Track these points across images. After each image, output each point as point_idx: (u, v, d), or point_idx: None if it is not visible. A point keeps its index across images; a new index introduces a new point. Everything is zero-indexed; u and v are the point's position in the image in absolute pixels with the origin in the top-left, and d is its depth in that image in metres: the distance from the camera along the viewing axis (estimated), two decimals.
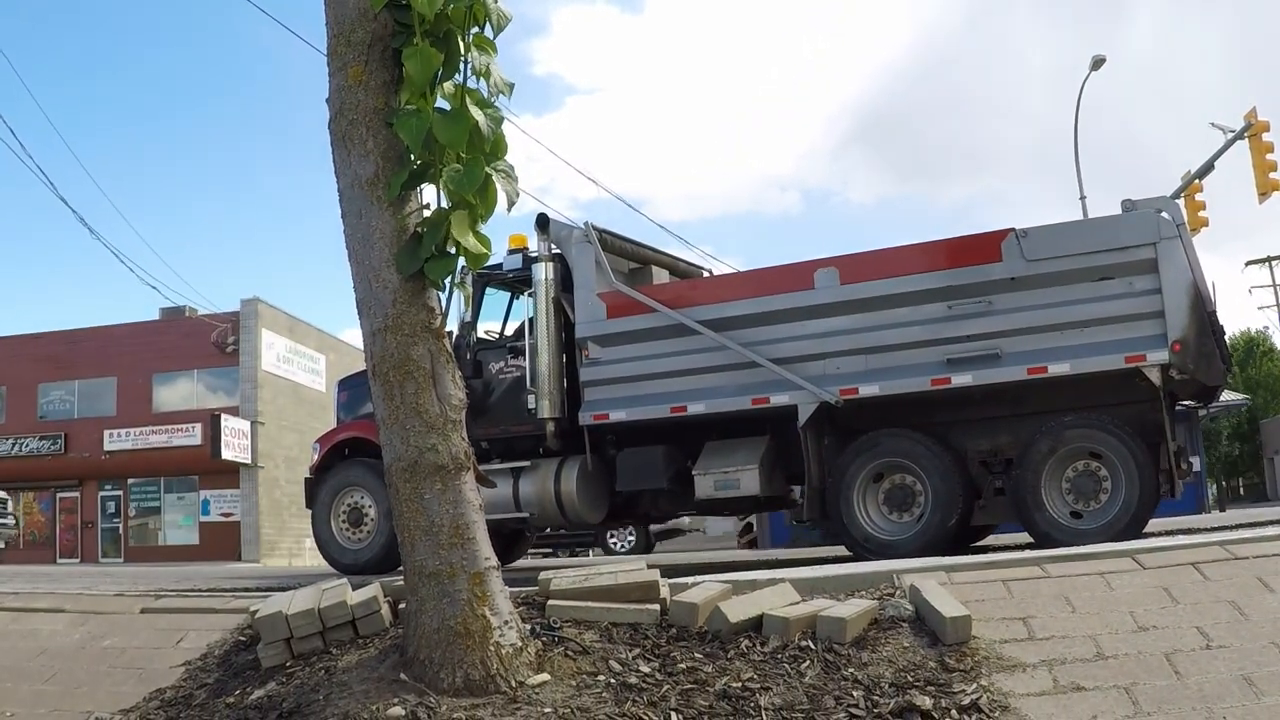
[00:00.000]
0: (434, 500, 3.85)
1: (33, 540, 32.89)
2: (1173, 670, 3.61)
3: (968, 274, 7.29)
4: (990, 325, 7.22)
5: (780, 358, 7.73)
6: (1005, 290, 7.19)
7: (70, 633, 5.36)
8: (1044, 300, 7.12)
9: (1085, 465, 7.20)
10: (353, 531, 9.27)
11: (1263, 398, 52.98)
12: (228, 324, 31.26)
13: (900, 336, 7.46)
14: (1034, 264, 7.12)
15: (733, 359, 7.90)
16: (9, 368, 32.90)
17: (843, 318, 7.63)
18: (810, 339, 7.71)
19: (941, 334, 7.35)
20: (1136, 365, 6.86)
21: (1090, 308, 7.01)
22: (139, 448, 31.62)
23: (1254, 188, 18.75)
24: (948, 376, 7.30)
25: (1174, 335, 6.80)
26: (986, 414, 7.65)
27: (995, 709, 3.44)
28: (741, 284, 8.38)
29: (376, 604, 4.52)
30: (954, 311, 7.32)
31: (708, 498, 8.17)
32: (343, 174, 4.01)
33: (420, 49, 3.75)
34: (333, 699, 3.72)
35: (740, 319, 7.89)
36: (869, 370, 7.54)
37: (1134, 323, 6.92)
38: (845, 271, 7.66)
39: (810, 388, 7.60)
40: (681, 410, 8.05)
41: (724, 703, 3.56)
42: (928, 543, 7.27)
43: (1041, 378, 7.10)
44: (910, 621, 4.11)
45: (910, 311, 7.44)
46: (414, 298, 3.93)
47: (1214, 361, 7.03)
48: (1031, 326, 7.13)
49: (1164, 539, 5.60)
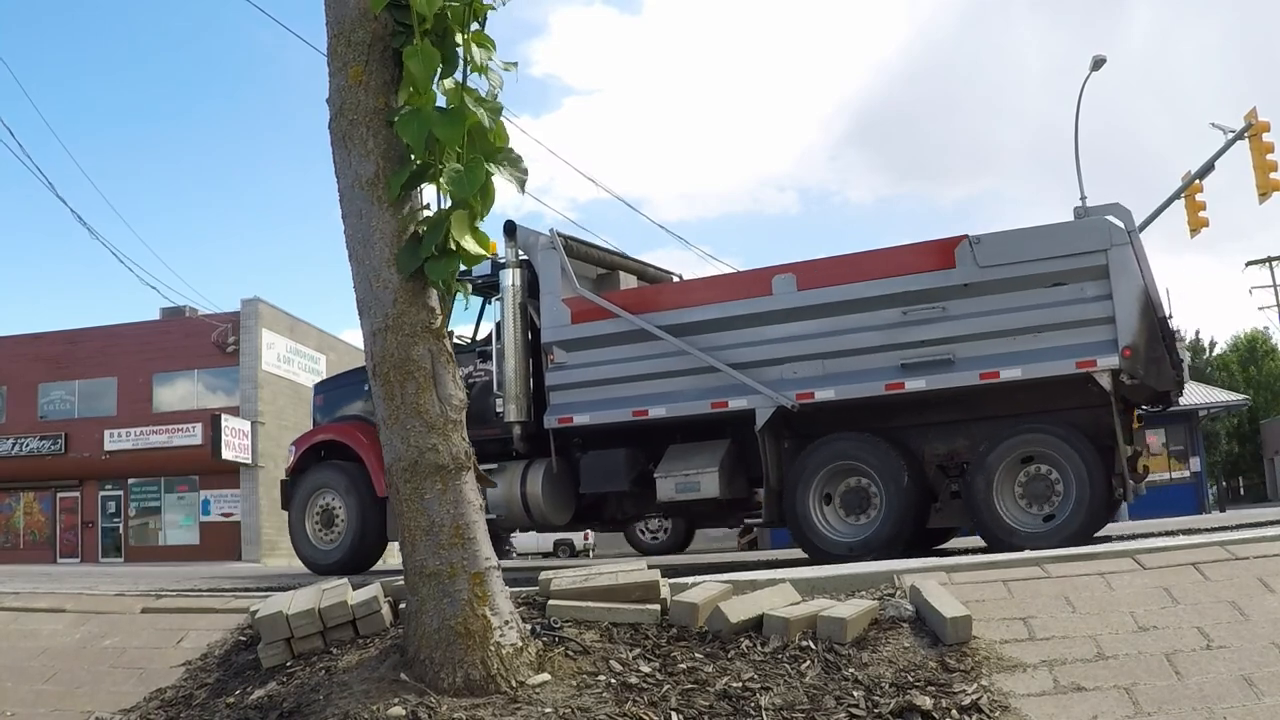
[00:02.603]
0: (434, 500, 3.85)
1: (33, 540, 32.92)
2: (1173, 670, 3.61)
3: (922, 280, 7.40)
4: (944, 331, 7.33)
5: (739, 362, 7.85)
6: (959, 296, 7.30)
7: (70, 633, 5.36)
8: (997, 306, 7.22)
9: (1038, 469, 7.30)
10: (325, 532, 9.53)
11: (1263, 398, 52.97)
12: (228, 324, 31.28)
13: (856, 342, 7.58)
14: (987, 270, 7.22)
15: (693, 364, 8.02)
16: (9, 368, 32.92)
17: (800, 323, 7.76)
18: (769, 344, 7.84)
19: (896, 339, 7.46)
20: (1087, 371, 6.96)
21: (1042, 313, 7.11)
22: (139, 448, 31.63)
23: (1254, 188, 18.74)
24: (901, 381, 7.42)
25: (1125, 341, 6.89)
26: (944, 418, 7.76)
27: (995, 709, 3.44)
28: (702, 290, 8.53)
29: (377, 604, 4.52)
30: (909, 317, 7.43)
31: (669, 500, 8.29)
32: (343, 174, 4.01)
33: (421, 48, 3.75)
34: (333, 699, 3.72)
35: (701, 324, 8.02)
36: (825, 375, 7.66)
37: (1085, 328, 7.01)
38: (803, 278, 7.79)
39: (767, 392, 7.72)
40: (643, 414, 8.18)
41: (724, 703, 3.56)
42: (882, 545, 7.36)
43: (994, 383, 7.20)
44: (910, 621, 4.11)
45: (866, 317, 7.56)
46: (414, 298, 3.93)
47: (1164, 367, 7.12)
48: (984, 332, 7.23)
49: (1164, 539, 5.60)
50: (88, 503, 32.90)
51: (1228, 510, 31.86)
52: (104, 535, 32.77)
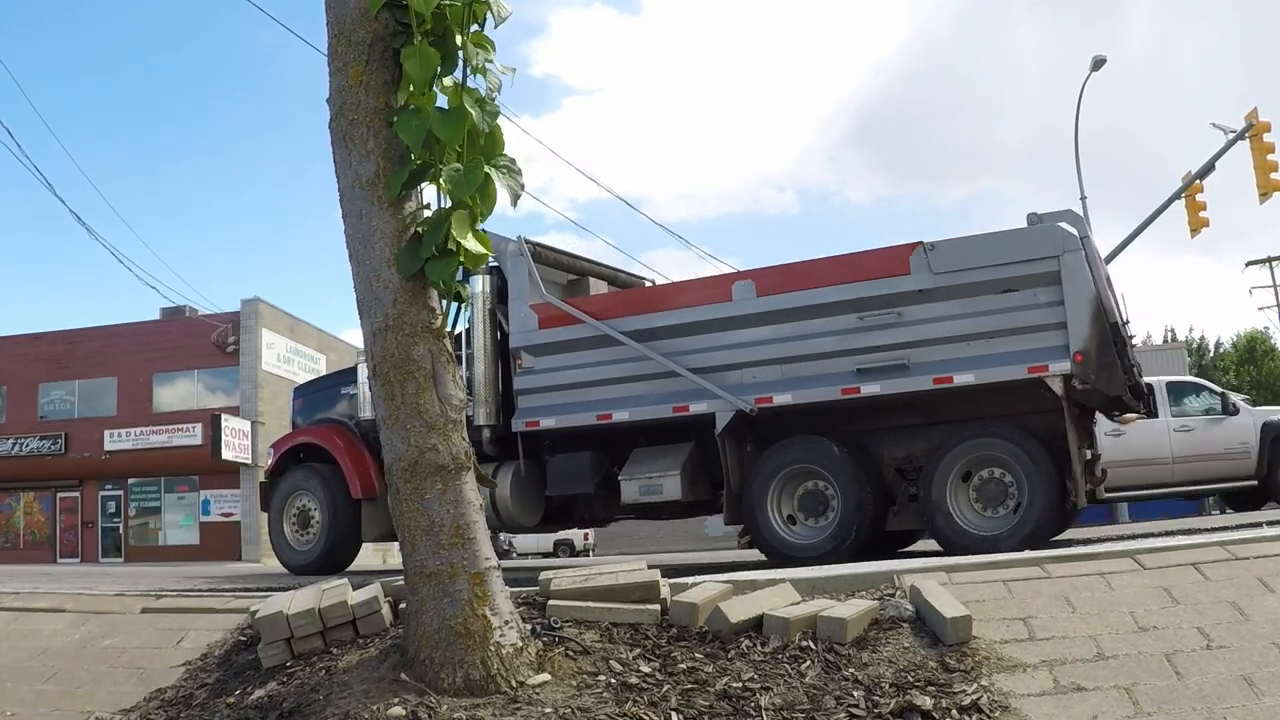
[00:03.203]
0: (434, 500, 3.85)
1: (33, 540, 32.91)
2: (1173, 670, 3.61)
3: (878, 286, 7.45)
4: (899, 336, 7.39)
5: (701, 367, 7.94)
6: (914, 302, 7.36)
7: (70, 632, 5.36)
8: (951, 312, 7.28)
9: (991, 473, 7.38)
10: (301, 533, 9.71)
11: (1263, 398, 52.94)
12: (228, 324, 31.28)
13: (813, 347, 7.64)
14: (941, 276, 7.27)
15: (655, 368, 8.11)
16: (9, 368, 32.92)
17: (759, 329, 7.82)
18: (729, 349, 7.91)
19: (852, 344, 7.52)
20: (1039, 376, 7.02)
21: (995, 319, 7.17)
22: (139, 448, 31.62)
23: (1255, 188, 18.74)
24: (857, 386, 7.48)
25: (1076, 346, 6.93)
26: (902, 422, 7.84)
27: (995, 709, 3.44)
28: (664, 295, 8.65)
29: (377, 604, 4.52)
30: (865, 323, 7.49)
31: (633, 502, 8.40)
32: (343, 174, 4.01)
33: (420, 49, 3.75)
34: (333, 699, 3.72)
35: (663, 329, 8.11)
36: (784, 379, 7.73)
37: (1037, 334, 7.06)
38: (761, 284, 7.87)
39: (727, 396, 7.80)
40: (607, 418, 8.29)
41: (724, 703, 3.56)
42: (837, 547, 7.44)
43: (947, 387, 7.27)
44: (910, 621, 4.11)
45: (823, 323, 7.62)
46: (414, 298, 3.93)
47: (1115, 372, 7.14)
48: (938, 337, 7.29)
49: (1164, 539, 5.60)
50: (88, 503, 32.89)
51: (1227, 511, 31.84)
52: (104, 535, 32.76)
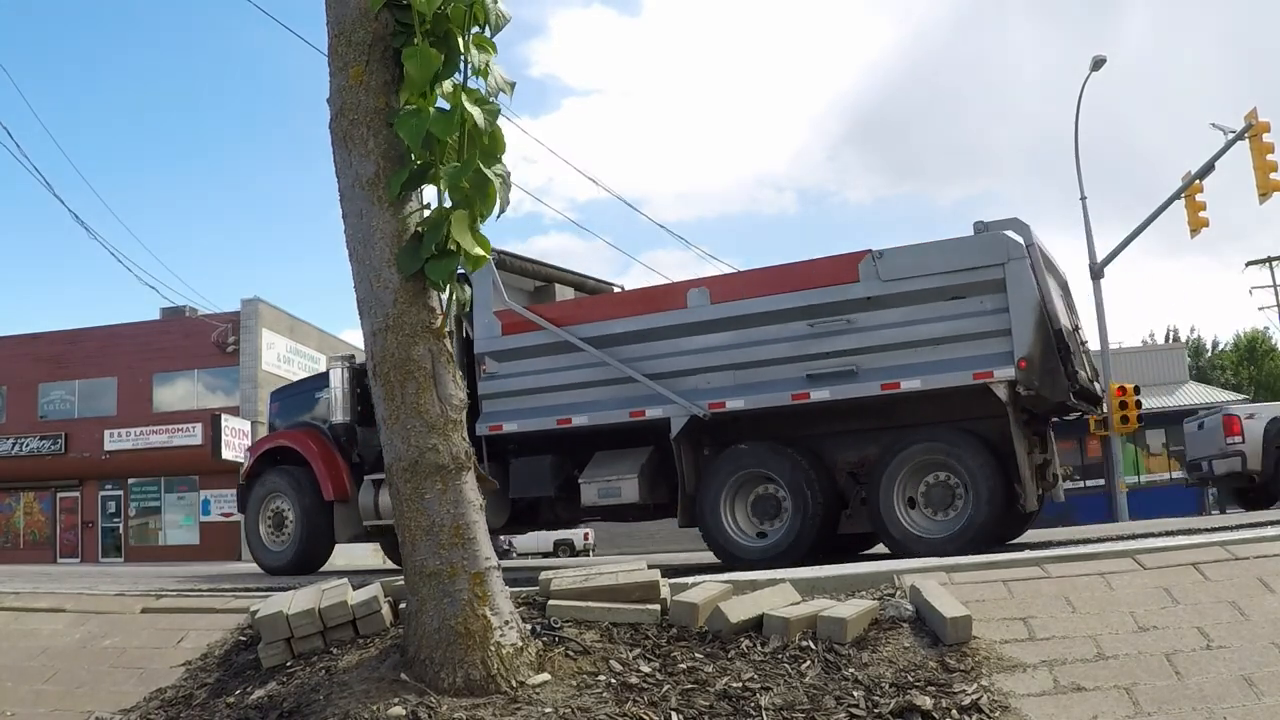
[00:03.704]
0: (434, 500, 3.85)
1: (33, 540, 32.91)
2: (1173, 670, 3.62)
3: (828, 294, 7.61)
4: (849, 343, 7.53)
5: (657, 373, 8.10)
6: (863, 309, 7.51)
7: (71, 632, 5.36)
8: (899, 319, 7.41)
9: (939, 477, 7.49)
10: (276, 534, 9.99)
11: (1263, 398, 52.94)
12: (228, 324, 31.27)
13: (765, 353, 7.80)
14: (889, 284, 7.42)
15: (613, 374, 8.27)
16: (9, 368, 32.91)
17: (713, 335, 7.98)
18: (684, 355, 8.07)
19: (803, 351, 7.68)
20: (985, 382, 7.14)
21: (942, 326, 7.29)
22: (139, 448, 31.62)
23: (1254, 188, 18.74)
24: (807, 391, 7.64)
25: (1020, 353, 7.06)
26: (855, 426, 7.97)
27: (995, 709, 3.44)
28: (622, 303, 8.83)
29: (377, 604, 4.52)
30: (815, 329, 7.64)
31: (592, 504, 8.53)
32: (344, 174, 4.01)
33: (420, 49, 3.75)
34: (333, 699, 3.72)
35: (621, 336, 8.27)
36: (736, 385, 7.89)
37: (983, 340, 7.19)
38: (715, 291, 8.05)
39: (681, 401, 7.96)
40: (567, 422, 8.44)
41: (724, 703, 3.56)
42: (789, 549, 7.56)
43: (895, 393, 7.40)
44: (910, 621, 4.12)
45: (775, 329, 7.78)
46: (414, 298, 3.93)
47: (1059, 378, 7.23)
48: (887, 344, 7.43)
49: (1164, 539, 5.60)
50: (88, 503, 32.89)
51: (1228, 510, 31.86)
52: (104, 535, 32.76)
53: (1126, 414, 20.67)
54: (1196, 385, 34.84)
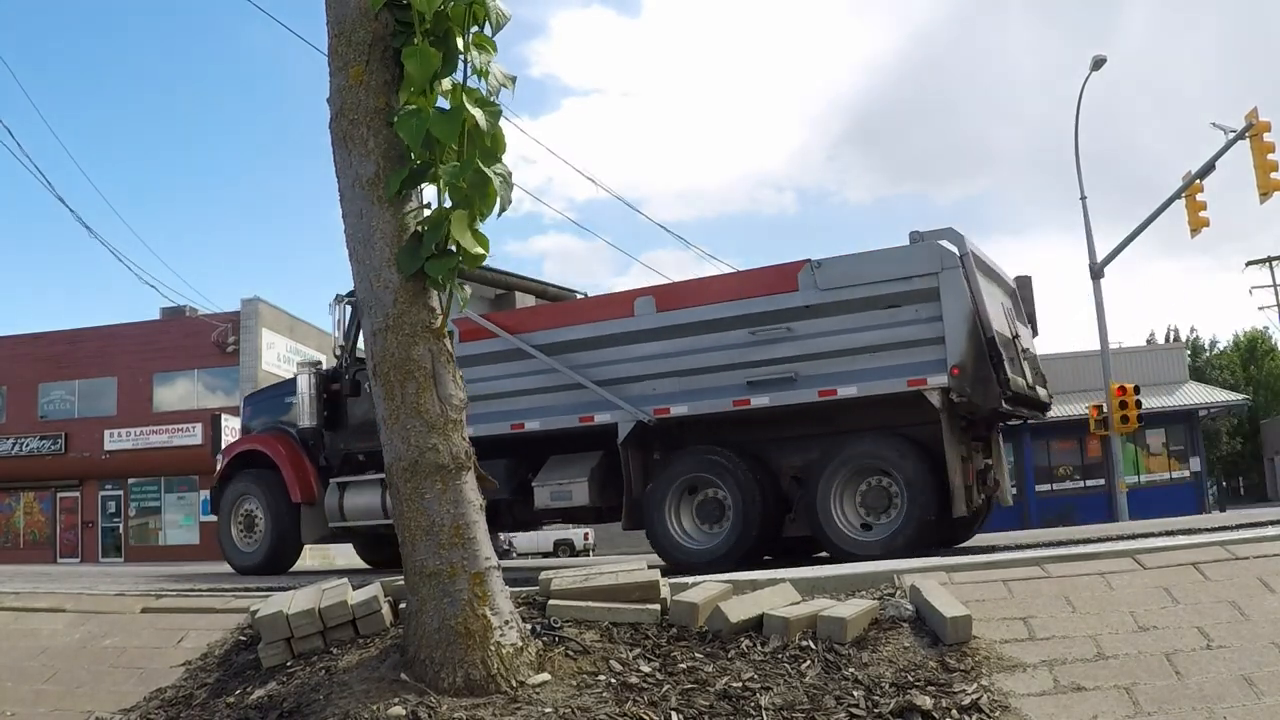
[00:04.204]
0: (434, 500, 3.84)
1: (33, 540, 32.91)
2: (1173, 670, 3.61)
3: (768, 302, 7.79)
4: (788, 350, 7.69)
5: (606, 379, 8.29)
6: (802, 317, 7.67)
7: (71, 632, 5.36)
8: (836, 327, 7.57)
9: (876, 482, 7.64)
10: (247, 535, 10.25)
11: (1263, 398, 52.99)
12: (228, 324, 31.28)
13: (708, 360, 7.98)
14: (827, 293, 7.59)
15: (564, 380, 8.45)
16: (9, 368, 32.91)
17: (659, 343, 8.17)
18: (631, 362, 8.27)
19: (745, 358, 7.85)
20: (919, 389, 7.29)
21: (878, 334, 7.44)
22: (139, 448, 31.63)
23: (1255, 188, 18.72)
24: (748, 398, 7.81)
25: (953, 360, 7.19)
26: (798, 432, 8.13)
27: (995, 709, 3.44)
28: (573, 311, 9.01)
29: (377, 604, 4.52)
30: (756, 337, 7.81)
31: (545, 507, 8.71)
32: (344, 174, 4.00)
33: (420, 48, 3.74)
34: (333, 699, 3.72)
35: (572, 343, 8.45)
36: (681, 391, 8.07)
37: (917, 348, 7.33)
38: (661, 300, 8.24)
39: (627, 407, 8.16)
40: (520, 427, 8.61)
41: (724, 702, 3.56)
42: (731, 552, 7.73)
43: (832, 400, 7.57)
44: (910, 621, 4.11)
45: (717, 337, 7.96)
46: (415, 297, 3.93)
47: (991, 385, 7.33)
48: (825, 352, 7.58)
49: (1164, 539, 5.60)
50: (88, 503, 32.89)
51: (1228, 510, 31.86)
52: (104, 535, 32.76)
53: (1126, 414, 20.64)
54: (1196, 385, 34.84)
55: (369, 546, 11.53)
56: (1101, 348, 22.31)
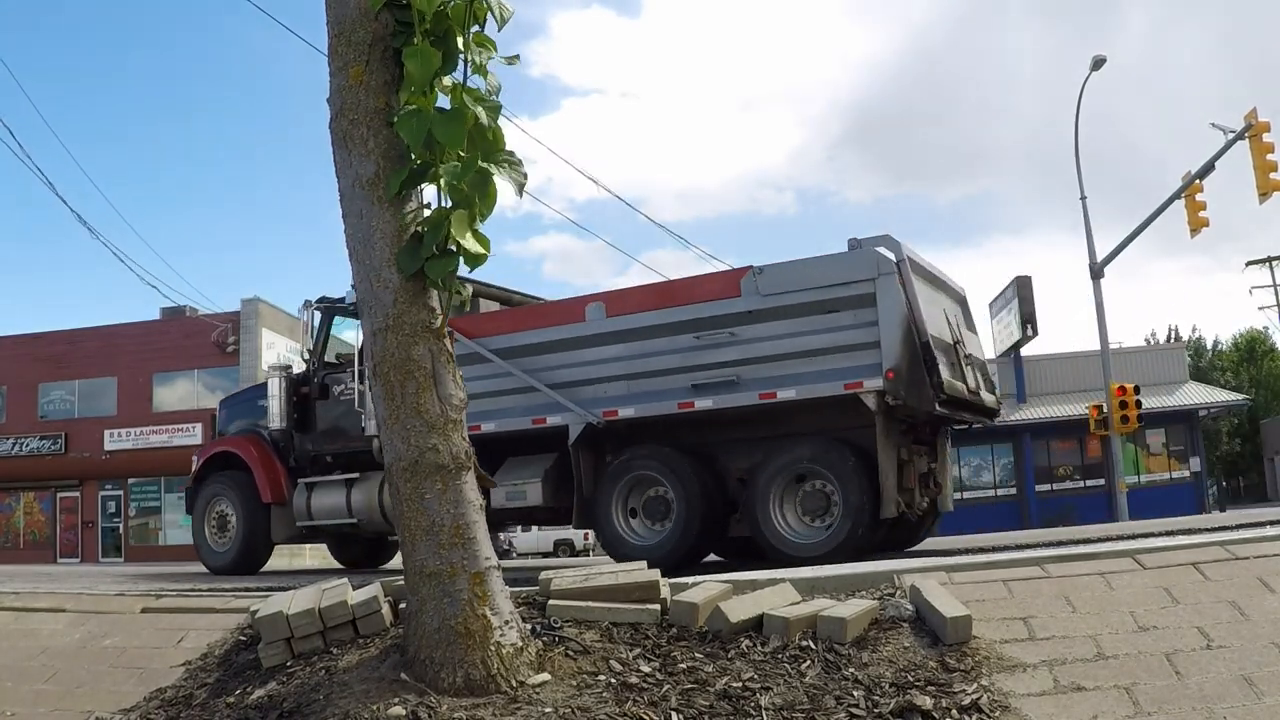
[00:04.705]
0: (435, 500, 3.84)
1: (33, 540, 32.91)
2: (1173, 670, 3.61)
3: (713, 308, 7.97)
4: (732, 354, 7.86)
5: (559, 383, 8.46)
6: (744, 323, 7.85)
7: (71, 632, 5.36)
8: (777, 332, 7.72)
9: (815, 485, 7.78)
10: (219, 535, 10.47)
11: (1263, 398, 52.99)
12: (228, 324, 31.29)
13: (655, 364, 8.16)
14: (768, 298, 7.75)
15: (518, 384, 8.62)
16: (10, 367, 32.93)
17: (608, 347, 8.35)
18: (583, 366, 8.45)
19: (690, 362, 8.03)
20: (855, 392, 7.41)
21: (817, 338, 7.58)
22: (139, 447, 31.64)
23: (1255, 188, 18.72)
24: (692, 401, 7.97)
25: (888, 364, 7.31)
26: (742, 435, 8.28)
27: (996, 709, 3.44)
28: (527, 316, 9.16)
29: (377, 604, 4.51)
30: (701, 342, 7.99)
31: (501, 507, 8.78)
32: (344, 174, 4.00)
33: (420, 48, 3.74)
34: (333, 699, 3.72)
35: (526, 347, 8.63)
36: (629, 394, 8.25)
37: (854, 352, 7.47)
38: (611, 305, 8.43)
39: (578, 410, 8.33)
40: (476, 429, 8.64)
41: (724, 702, 3.56)
42: (675, 549, 7.88)
43: (772, 403, 7.70)
44: (911, 621, 4.11)
45: (664, 341, 8.13)
46: (415, 298, 3.93)
47: (924, 389, 7.47)
48: (766, 356, 7.74)
49: (1164, 539, 5.60)
50: (88, 503, 32.90)
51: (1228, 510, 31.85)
52: (104, 535, 32.77)
53: (1126, 414, 20.65)
54: (1196, 385, 34.83)
55: (341, 546, 11.78)
56: (1101, 348, 22.33)
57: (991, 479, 32.68)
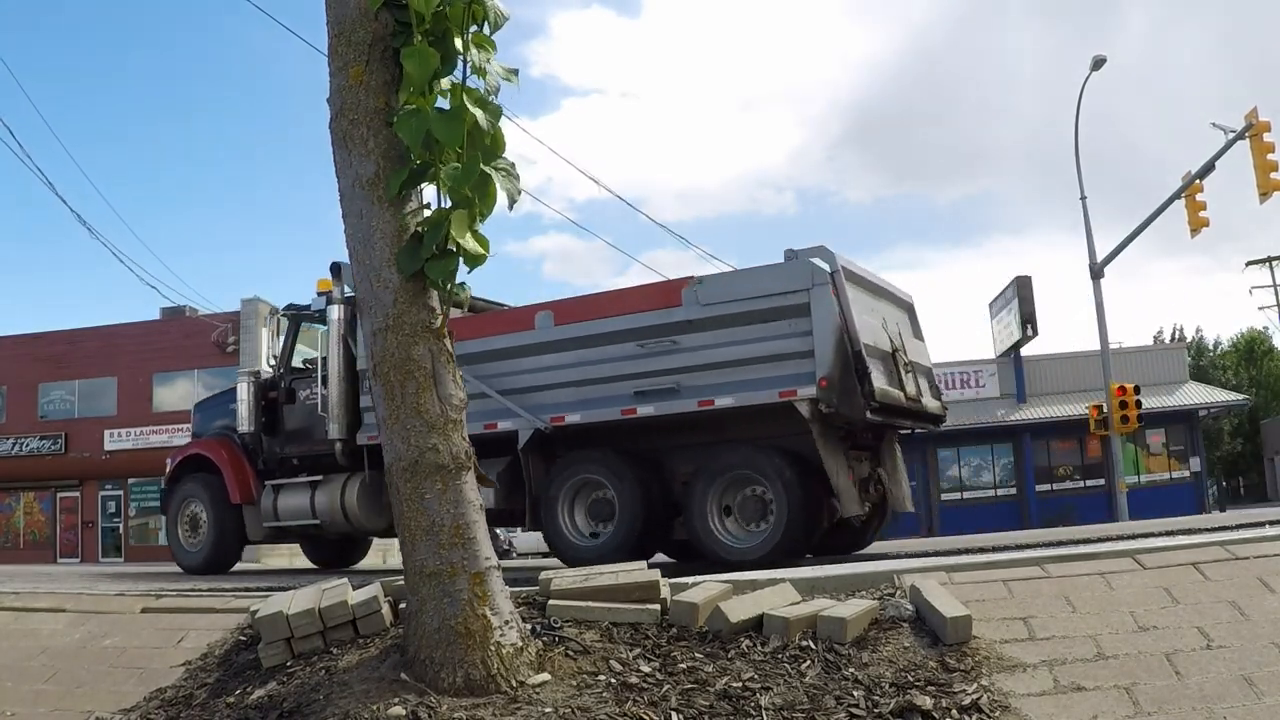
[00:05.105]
0: (435, 500, 3.84)
1: (33, 540, 32.91)
2: (1173, 670, 3.62)
3: (655, 317, 8.16)
4: (673, 363, 8.03)
5: (511, 389, 8.65)
6: (685, 331, 8.03)
7: (71, 632, 5.36)
8: (716, 340, 7.90)
9: (752, 490, 7.90)
10: (192, 536, 10.75)
11: (1263, 398, 52.99)
12: (227, 324, 31.28)
13: (600, 371, 8.33)
14: (708, 308, 7.93)
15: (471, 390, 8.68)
16: (10, 368, 32.92)
17: (556, 354, 8.55)
18: (532, 373, 8.64)
19: (633, 370, 8.19)
20: (789, 400, 7.54)
21: (754, 347, 7.74)
22: (139, 447, 31.61)
23: (1255, 188, 18.72)
24: (634, 407, 8.16)
25: (821, 372, 7.44)
26: (685, 441, 8.45)
27: (996, 709, 3.44)
28: (481, 324, 9.28)
29: (377, 604, 4.52)
30: (644, 350, 8.17)
31: None
32: (344, 174, 4.00)
33: (419, 48, 3.74)
34: (333, 699, 3.72)
35: (480, 354, 8.76)
36: (576, 401, 8.41)
37: (789, 361, 7.60)
38: (559, 314, 8.62)
39: (527, 416, 8.52)
40: None
41: (724, 702, 3.56)
42: (619, 549, 7.98)
43: (710, 410, 7.87)
44: (911, 621, 4.11)
45: (609, 350, 8.32)
46: (414, 298, 3.93)
47: (855, 397, 7.57)
48: (705, 364, 7.91)
49: (1164, 539, 5.60)
50: (88, 503, 32.89)
51: (1228, 510, 31.85)
52: (104, 535, 32.76)
53: (1126, 414, 20.65)
54: (1196, 385, 34.81)
55: (313, 547, 11.96)
56: (1101, 348, 22.33)
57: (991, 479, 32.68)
